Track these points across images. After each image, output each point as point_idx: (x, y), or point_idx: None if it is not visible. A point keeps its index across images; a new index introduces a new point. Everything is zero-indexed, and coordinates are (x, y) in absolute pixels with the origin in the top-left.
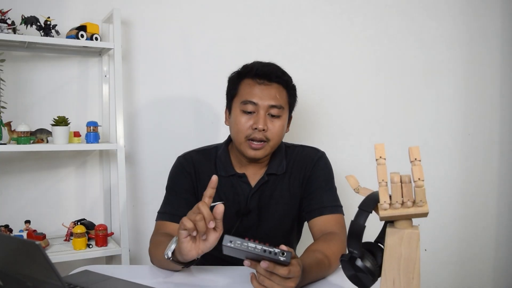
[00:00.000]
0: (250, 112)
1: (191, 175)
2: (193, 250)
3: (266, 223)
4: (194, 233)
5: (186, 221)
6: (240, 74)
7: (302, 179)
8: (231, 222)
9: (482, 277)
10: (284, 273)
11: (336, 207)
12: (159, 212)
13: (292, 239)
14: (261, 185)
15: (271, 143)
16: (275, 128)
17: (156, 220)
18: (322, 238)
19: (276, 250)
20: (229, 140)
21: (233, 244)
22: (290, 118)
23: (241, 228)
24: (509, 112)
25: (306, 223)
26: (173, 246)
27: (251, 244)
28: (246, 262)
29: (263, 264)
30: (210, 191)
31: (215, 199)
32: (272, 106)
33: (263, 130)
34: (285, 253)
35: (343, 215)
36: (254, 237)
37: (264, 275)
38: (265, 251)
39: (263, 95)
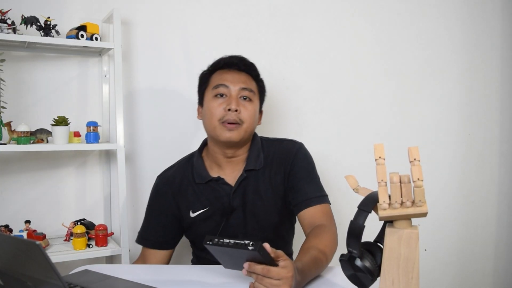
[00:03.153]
0: (222, 96)
1: (167, 194)
2: None
3: (253, 219)
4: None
5: None
6: (210, 69)
7: (284, 173)
8: (218, 223)
9: (482, 277)
10: (261, 272)
11: (321, 197)
12: (138, 232)
13: (284, 232)
14: (241, 182)
15: (244, 125)
16: (248, 110)
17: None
18: (312, 234)
19: (246, 242)
20: (202, 146)
21: (212, 242)
22: (261, 112)
23: (230, 228)
24: (509, 112)
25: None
26: None
27: (226, 240)
28: (243, 271)
29: (245, 265)
30: None
31: (198, 206)
32: (243, 89)
33: (236, 111)
34: (253, 243)
35: (329, 204)
36: (244, 234)
37: (256, 279)
38: (236, 243)
39: (234, 79)
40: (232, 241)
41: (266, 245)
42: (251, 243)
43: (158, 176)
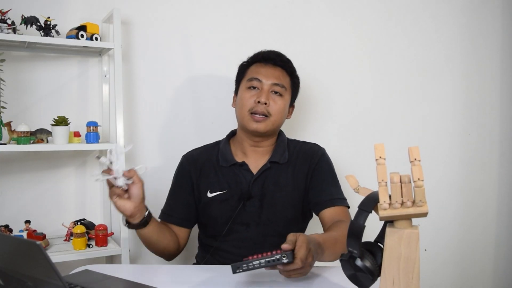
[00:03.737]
0: (254, 88)
1: (190, 173)
2: (126, 205)
3: (269, 209)
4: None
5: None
6: (249, 61)
7: (307, 171)
8: (233, 208)
9: (482, 277)
10: (298, 266)
11: (344, 200)
12: (161, 210)
13: (295, 231)
14: (263, 172)
15: (272, 118)
16: (277, 104)
17: (158, 218)
18: (332, 225)
19: (277, 256)
20: (231, 134)
21: (241, 269)
22: (293, 106)
23: (244, 214)
24: (509, 112)
25: (309, 223)
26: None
27: (255, 262)
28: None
29: (279, 270)
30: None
31: (216, 188)
32: (275, 84)
33: (265, 104)
34: (286, 255)
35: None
36: (257, 224)
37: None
38: (268, 261)
39: (268, 74)
40: (262, 261)
41: (287, 246)
42: (283, 255)
43: (183, 156)
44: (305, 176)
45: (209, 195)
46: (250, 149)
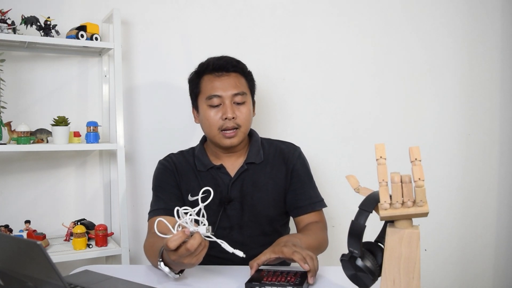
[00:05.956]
0: (216, 106)
1: (173, 172)
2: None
3: (250, 210)
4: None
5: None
6: (199, 73)
7: (286, 171)
8: (215, 213)
9: (482, 277)
10: (305, 267)
11: (322, 202)
12: (151, 211)
13: (279, 227)
14: (241, 174)
15: (242, 128)
16: (243, 114)
17: (148, 220)
18: (308, 226)
19: (291, 283)
20: (204, 139)
21: None
22: (254, 102)
23: (226, 218)
24: (509, 112)
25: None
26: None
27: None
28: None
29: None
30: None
31: (197, 192)
32: (236, 94)
33: (233, 118)
34: (298, 282)
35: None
36: (240, 226)
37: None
38: (282, 285)
39: (225, 86)
40: (277, 284)
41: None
42: (296, 282)
43: (161, 160)
44: (284, 176)
45: (190, 198)
46: (224, 155)
